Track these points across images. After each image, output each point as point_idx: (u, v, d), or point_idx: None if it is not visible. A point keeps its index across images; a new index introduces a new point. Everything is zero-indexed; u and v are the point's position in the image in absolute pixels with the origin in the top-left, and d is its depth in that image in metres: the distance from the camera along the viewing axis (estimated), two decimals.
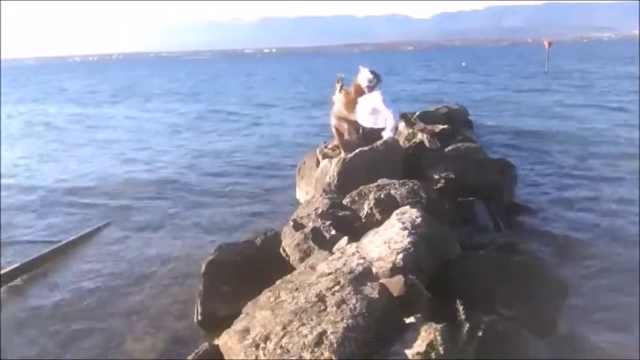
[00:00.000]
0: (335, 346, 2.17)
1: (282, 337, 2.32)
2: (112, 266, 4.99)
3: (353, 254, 3.10)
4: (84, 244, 5.62)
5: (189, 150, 11.34)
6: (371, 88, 5.83)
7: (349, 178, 4.93)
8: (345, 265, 2.91)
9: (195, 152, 11.04)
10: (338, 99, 6.12)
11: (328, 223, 3.78)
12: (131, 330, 3.77)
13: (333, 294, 2.53)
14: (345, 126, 5.87)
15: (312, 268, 3.06)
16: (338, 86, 6.15)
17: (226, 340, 2.61)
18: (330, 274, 2.79)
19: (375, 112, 5.79)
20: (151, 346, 3.55)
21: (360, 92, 5.91)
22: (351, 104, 5.94)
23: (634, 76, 22.81)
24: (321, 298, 2.52)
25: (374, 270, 2.86)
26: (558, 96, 18.45)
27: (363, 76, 5.87)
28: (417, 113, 9.24)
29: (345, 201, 4.33)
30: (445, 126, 7.60)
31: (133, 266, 4.96)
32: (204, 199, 7.23)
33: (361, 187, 4.39)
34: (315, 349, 2.18)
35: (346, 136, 5.88)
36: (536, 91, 20.78)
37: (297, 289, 2.74)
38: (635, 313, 3.57)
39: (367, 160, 5.15)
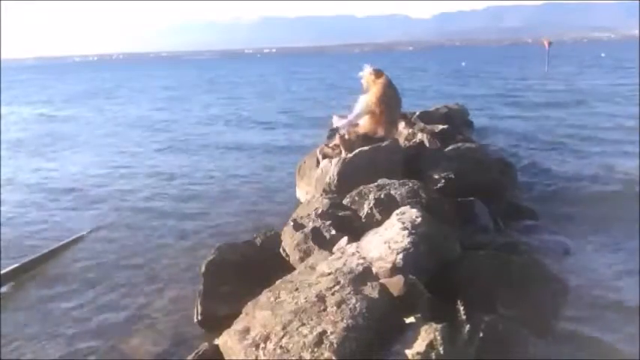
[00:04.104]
0: (335, 346, 2.17)
1: (282, 337, 2.32)
2: (111, 266, 4.99)
3: (353, 254, 3.10)
4: (77, 246, 5.62)
5: (187, 151, 11.35)
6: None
7: (349, 178, 4.93)
8: (345, 265, 2.91)
9: (194, 153, 11.05)
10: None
11: (328, 223, 3.77)
12: (131, 330, 3.77)
13: (333, 294, 2.53)
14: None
15: (312, 268, 3.06)
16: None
17: (226, 340, 2.61)
18: (330, 274, 2.79)
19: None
20: (151, 346, 3.54)
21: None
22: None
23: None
24: (321, 298, 2.52)
25: (374, 270, 2.86)
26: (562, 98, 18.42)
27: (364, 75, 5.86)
28: (417, 113, 9.26)
29: (345, 201, 4.33)
30: (445, 126, 7.62)
31: (133, 266, 4.95)
32: (203, 199, 7.24)
33: (361, 187, 4.39)
34: (315, 349, 2.18)
35: (347, 136, 5.86)
36: (541, 91, 20.78)
37: (297, 289, 2.74)
38: (635, 312, 3.57)
39: (367, 160, 5.15)
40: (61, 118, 19.27)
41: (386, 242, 3.10)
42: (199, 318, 3.66)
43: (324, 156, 5.95)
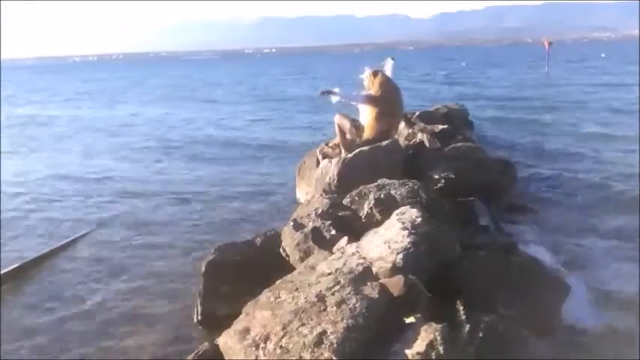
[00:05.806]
0: (335, 346, 2.17)
1: (282, 337, 2.32)
2: (110, 266, 4.99)
3: (353, 254, 3.10)
4: (77, 246, 5.62)
5: (186, 150, 11.35)
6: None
7: (349, 178, 4.92)
8: (345, 265, 2.91)
9: (194, 152, 11.05)
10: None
11: (328, 223, 3.77)
12: (131, 330, 3.77)
13: (333, 294, 2.53)
14: (348, 125, 5.85)
15: (312, 268, 3.06)
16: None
17: (226, 340, 2.61)
18: (330, 274, 2.79)
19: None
20: (151, 346, 3.55)
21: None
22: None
23: None
24: (321, 298, 2.52)
25: (374, 270, 2.86)
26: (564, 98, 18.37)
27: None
28: (417, 113, 9.24)
29: (345, 201, 4.32)
30: (445, 126, 7.61)
31: (133, 266, 4.96)
32: (204, 199, 7.23)
33: (361, 187, 4.38)
34: (315, 349, 2.18)
35: (348, 136, 5.86)
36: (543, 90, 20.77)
37: (297, 289, 2.74)
38: (635, 312, 3.57)
39: (367, 160, 5.14)
40: None
41: (386, 242, 3.09)
42: (199, 318, 3.67)
43: (324, 156, 5.94)
